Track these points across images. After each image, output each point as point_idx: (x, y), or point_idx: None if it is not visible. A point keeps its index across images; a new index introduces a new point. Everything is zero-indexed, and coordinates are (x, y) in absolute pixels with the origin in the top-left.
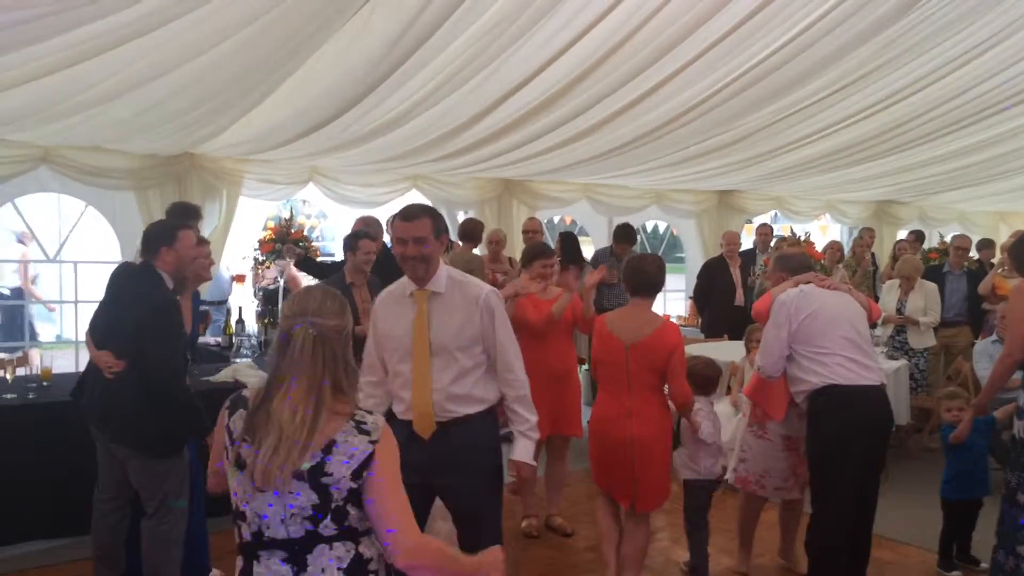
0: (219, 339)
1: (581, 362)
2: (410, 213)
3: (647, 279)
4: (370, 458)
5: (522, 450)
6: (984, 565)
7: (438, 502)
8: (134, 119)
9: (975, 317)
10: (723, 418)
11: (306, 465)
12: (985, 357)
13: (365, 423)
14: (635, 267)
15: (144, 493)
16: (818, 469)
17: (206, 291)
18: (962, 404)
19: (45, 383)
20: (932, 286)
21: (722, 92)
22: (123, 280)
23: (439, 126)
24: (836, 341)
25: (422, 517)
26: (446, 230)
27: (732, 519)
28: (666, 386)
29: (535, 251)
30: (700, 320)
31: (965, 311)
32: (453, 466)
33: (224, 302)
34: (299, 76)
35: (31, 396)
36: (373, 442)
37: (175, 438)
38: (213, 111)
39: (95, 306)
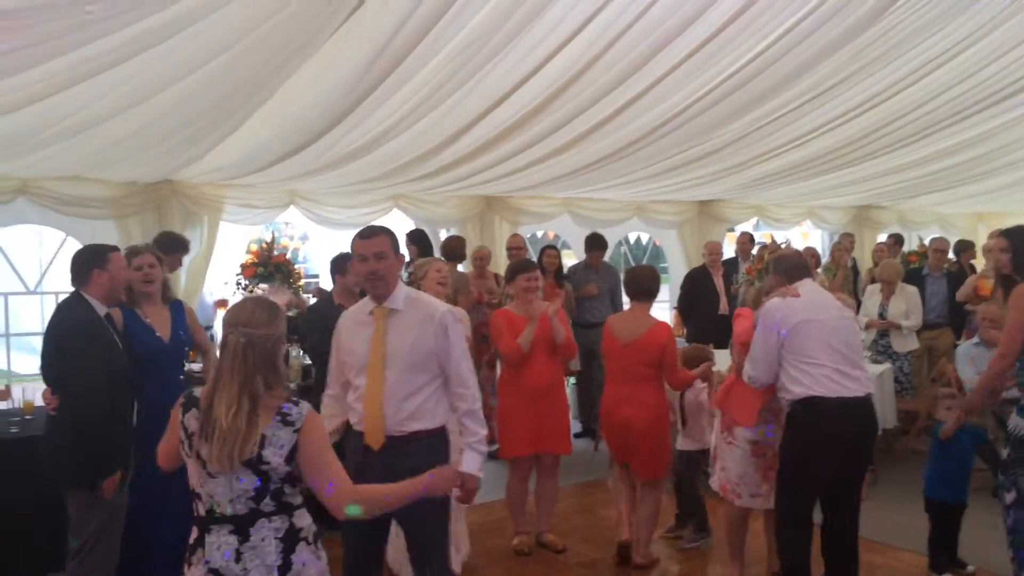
0: (202, 365)
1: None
2: (369, 232)
3: (640, 286)
4: (296, 445)
5: (469, 462)
6: (971, 568)
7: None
8: (112, 147)
9: (956, 318)
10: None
11: (248, 456)
12: (966, 360)
13: (290, 415)
14: (632, 276)
15: (72, 528)
16: (789, 474)
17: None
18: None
19: (28, 416)
20: (913, 290)
21: (699, 103)
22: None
23: (418, 146)
24: (824, 352)
25: (382, 531)
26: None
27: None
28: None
29: (518, 266)
30: (685, 330)
31: (946, 313)
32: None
33: (209, 328)
34: (276, 100)
35: (14, 430)
36: (296, 431)
37: (89, 468)
38: (192, 137)
39: None
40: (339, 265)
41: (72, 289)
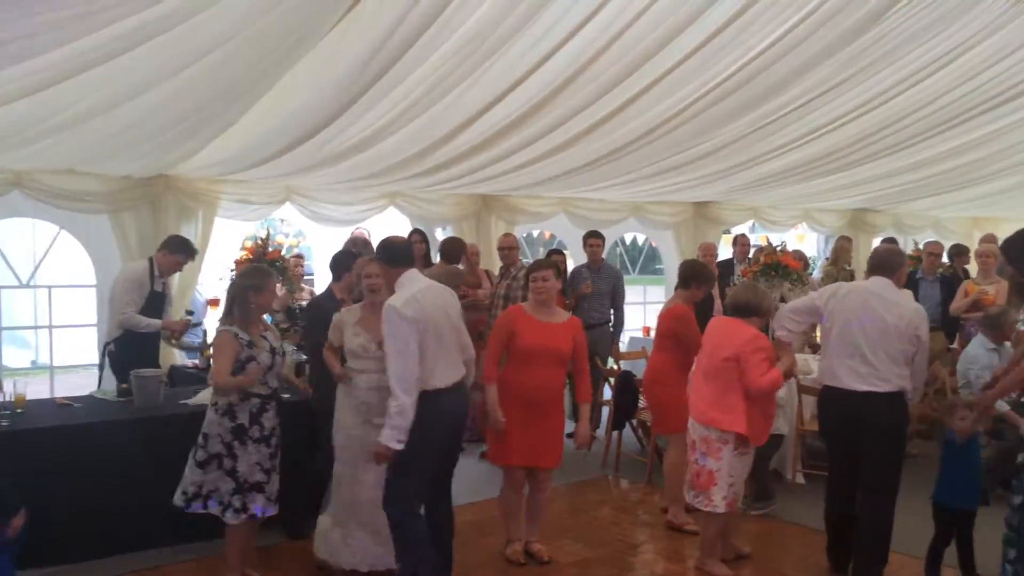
0: (196, 361)
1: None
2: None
3: (679, 273)
4: None
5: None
6: None
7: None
8: (108, 141)
9: (949, 322)
10: None
11: None
12: (977, 364)
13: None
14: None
15: None
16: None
17: (179, 313)
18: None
19: (19, 411)
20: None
21: (695, 105)
22: None
23: (414, 143)
24: (836, 348)
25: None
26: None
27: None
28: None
29: (536, 263)
30: None
31: (939, 316)
32: None
33: (199, 324)
34: (273, 96)
35: (4, 424)
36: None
37: None
38: (188, 132)
39: (70, 331)
40: (345, 263)
41: None
